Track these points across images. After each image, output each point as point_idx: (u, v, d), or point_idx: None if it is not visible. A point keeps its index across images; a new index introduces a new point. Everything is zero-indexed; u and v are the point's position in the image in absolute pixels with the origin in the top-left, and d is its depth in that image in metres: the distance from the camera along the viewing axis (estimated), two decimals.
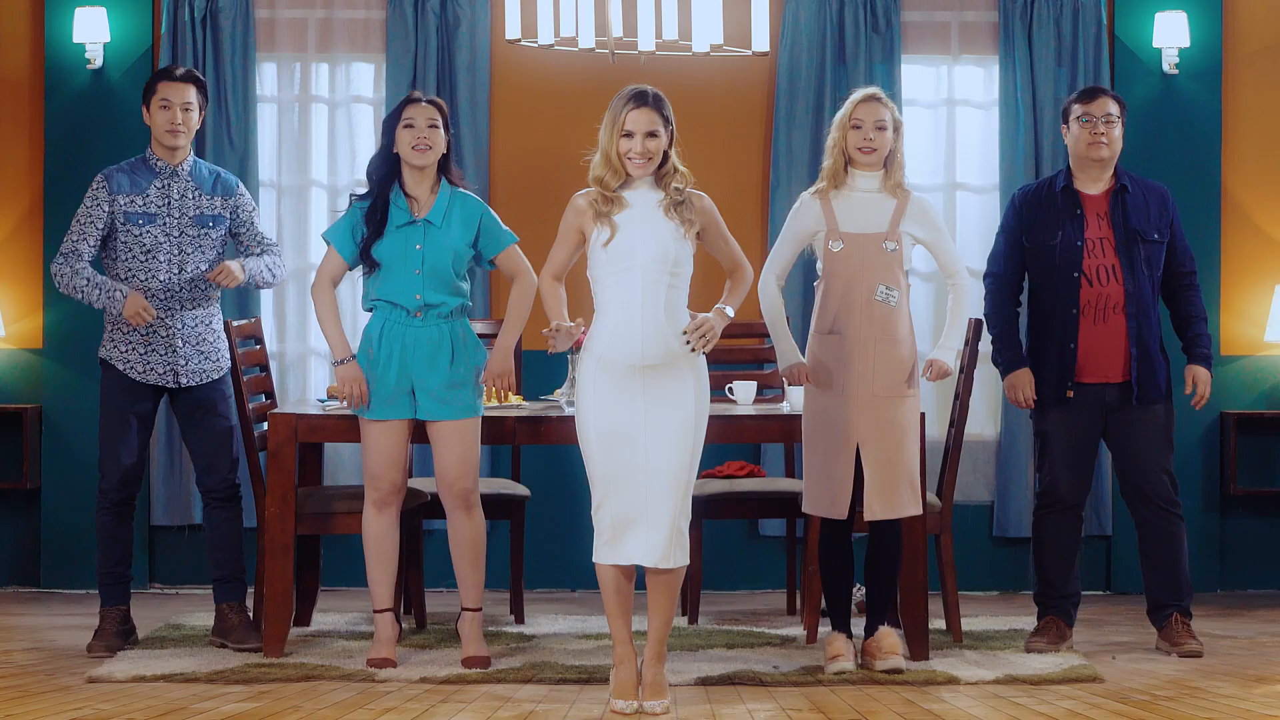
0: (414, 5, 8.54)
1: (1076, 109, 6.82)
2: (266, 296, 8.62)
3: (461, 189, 6.52)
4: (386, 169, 6.47)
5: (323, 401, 7.03)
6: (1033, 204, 6.87)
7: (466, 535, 6.49)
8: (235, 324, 6.97)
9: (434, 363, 6.41)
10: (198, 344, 6.81)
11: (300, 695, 5.92)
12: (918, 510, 6.33)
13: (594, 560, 5.78)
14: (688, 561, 5.79)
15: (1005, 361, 6.84)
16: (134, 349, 6.77)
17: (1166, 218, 6.86)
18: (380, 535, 6.45)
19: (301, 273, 8.63)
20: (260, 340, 7.27)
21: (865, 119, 6.31)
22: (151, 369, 6.78)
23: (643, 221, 5.82)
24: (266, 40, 8.65)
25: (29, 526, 8.62)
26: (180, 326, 6.78)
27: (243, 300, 8.46)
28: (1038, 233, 6.81)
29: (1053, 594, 6.87)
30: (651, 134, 5.81)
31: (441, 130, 6.47)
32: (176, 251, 6.76)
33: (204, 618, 7.47)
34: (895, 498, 6.27)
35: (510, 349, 6.47)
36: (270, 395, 7.30)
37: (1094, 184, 6.84)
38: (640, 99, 5.83)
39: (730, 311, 5.89)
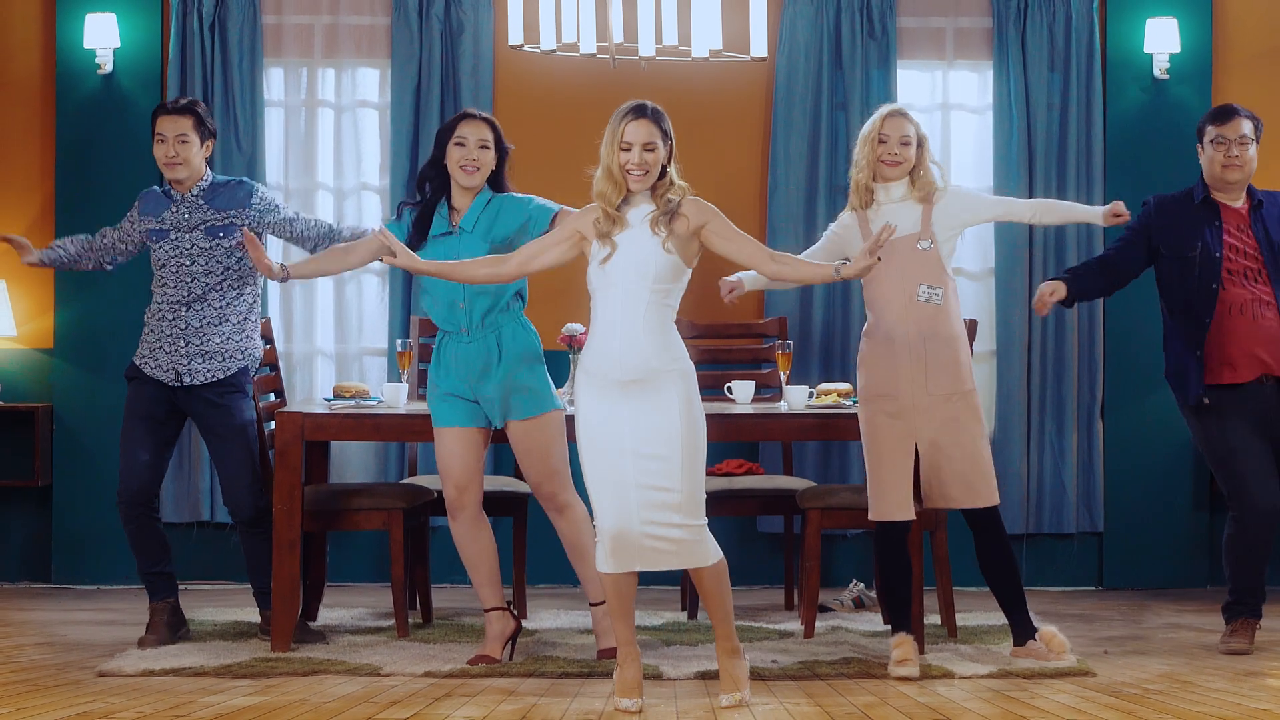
0: (418, 11, 8.53)
1: (1211, 130, 6.70)
2: (273, 296, 8.61)
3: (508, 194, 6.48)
4: (439, 180, 6.44)
5: (329, 400, 7.01)
6: (1170, 213, 6.73)
7: (567, 534, 6.44)
8: None
9: (486, 374, 6.37)
10: (202, 344, 6.78)
11: (306, 689, 5.91)
12: (996, 500, 6.28)
13: (596, 568, 5.75)
14: (710, 561, 5.69)
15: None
16: (147, 343, 6.82)
17: None
18: (464, 541, 6.42)
19: None
20: (270, 340, 7.26)
21: (891, 134, 6.30)
22: (159, 365, 6.78)
23: (631, 237, 5.72)
24: (273, 46, 8.64)
25: (40, 523, 8.61)
26: (184, 328, 6.77)
27: None
28: (1174, 241, 6.67)
29: (1246, 601, 6.68)
30: (649, 147, 5.70)
31: (492, 150, 6.43)
32: (189, 262, 6.76)
33: (212, 613, 7.47)
34: (976, 489, 6.23)
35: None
36: (280, 394, 7.29)
37: (1232, 200, 6.73)
38: (639, 112, 5.72)
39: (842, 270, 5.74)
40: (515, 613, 6.52)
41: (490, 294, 6.37)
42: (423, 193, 6.47)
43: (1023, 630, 6.41)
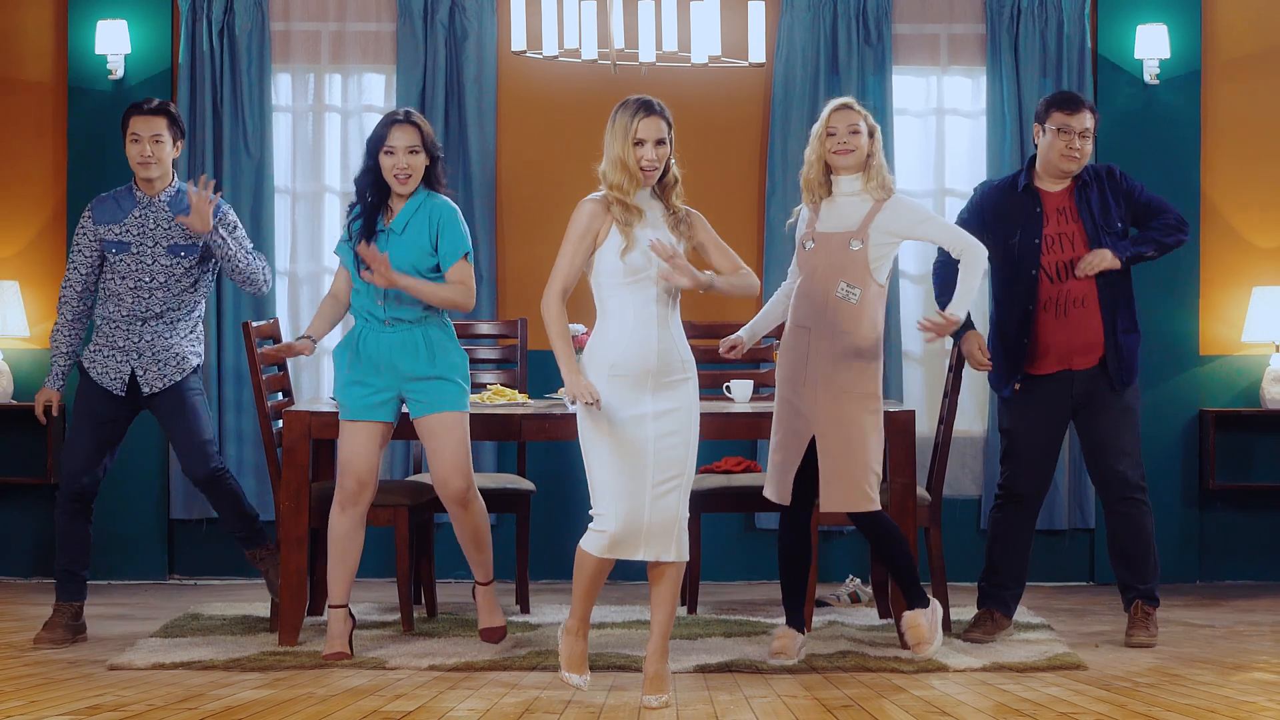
0: (423, 18, 8.54)
1: (1058, 117, 6.69)
2: (281, 298, 8.62)
3: (439, 193, 6.45)
4: (377, 184, 6.39)
5: (335, 400, 7.01)
6: (993, 201, 6.80)
7: (467, 528, 6.46)
8: (254, 325, 6.97)
9: (414, 361, 6.36)
10: (154, 355, 6.79)
11: (313, 682, 5.92)
12: (871, 507, 6.20)
13: (580, 545, 5.68)
14: (685, 557, 5.73)
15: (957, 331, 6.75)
16: (99, 352, 6.81)
17: (1120, 195, 6.75)
18: (342, 535, 6.41)
19: (315, 275, 8.63)
20: (278, 340, 7.26)
21: (839, 125, 6.28)
22: (106, 373, 6.79)
23: (655, 233, 5.73)
24: (281, 51, 8.65)
25: (52, 520, 8.59)
26: (138, 340, 6.77)
27: (259, 302, 8.46)
28: (997, 231, 6.74)
29: (997, 586, 6.84)
30: (660, 141, 5.72)
31: (422, 154, 6.36)
32: (148, 279, 6.74)
33: (221, 607, 7.47)
34: (849, 492, 6.18)
35: (409, 285, 6.24)
36: (288, 393, 7.29)
37: (1056, 184, 6.79)
38: (649, 108, 5.73)
39: (718, 282, 5.81)
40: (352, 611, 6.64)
41: (408, 298, 6.37)
42: (363, 201, 6.42)
43: (912, 600, 6.36)
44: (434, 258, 6.38)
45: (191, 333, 6.88)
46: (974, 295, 6.25)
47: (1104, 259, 6.61)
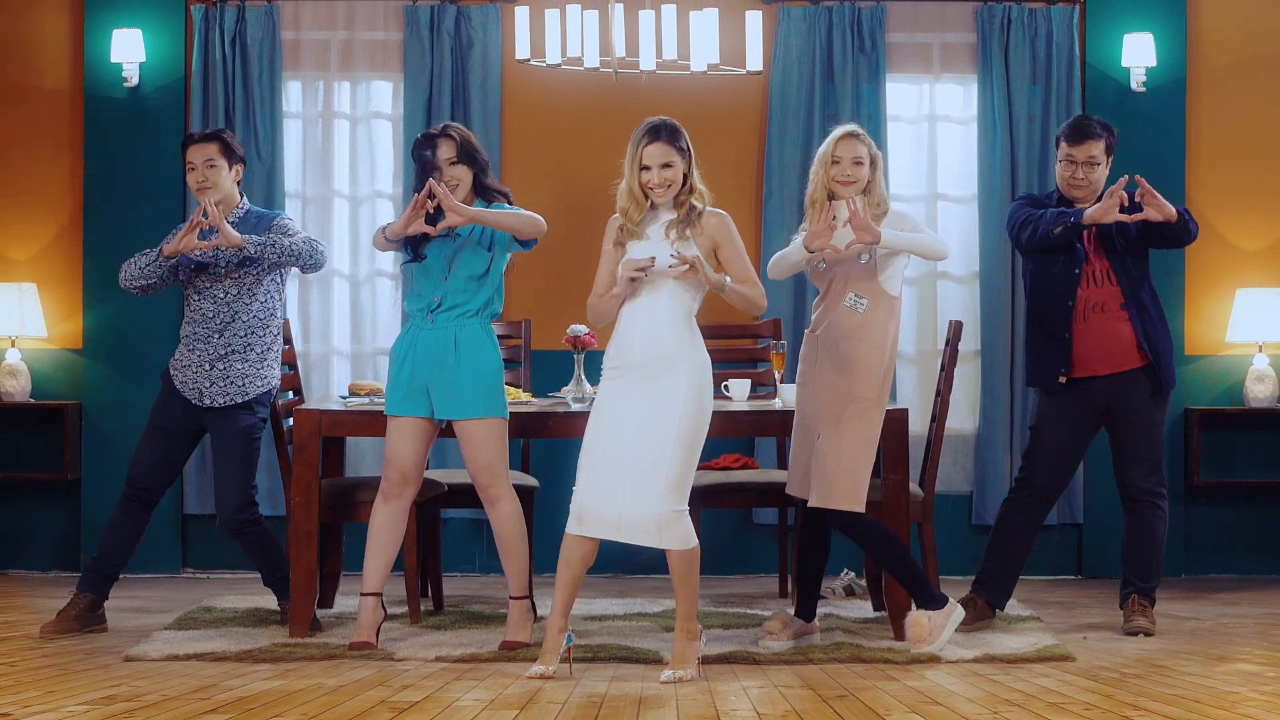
0: (430, 27, 8.54)
1: (1063, 148, 6.78)
2: (291, 298, 8.62)
3: (495, 201, 6.45)
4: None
5: (345, 398, 7.02)
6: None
7: (495, 526, 6.45)
8: None
9: (441, 364, 6.36)
10: (225, 369, 6.78)
11: (323, 673, 5.92)
12: (846, 505, 6.23)
13: (566, 530, 5.88)
14: (688, 546, 5.81)
15: (1073, 216, 6.66)
16: (180, 359, 6.81)
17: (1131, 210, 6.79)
18: (382, 524, 6.41)
19: (324, 278, 8.62)
20: (288, 340, 7.27)
21: (844, 156, 6.32)
22: (185, 383, 6.79)
23: (653, 241, 5.94)
24: (292, 60, 8.65)
25: (70, 516, 8.62)
26: (210, 351, 6.76)
27: None
28: (1038, 258, 6.78)
29: (988, 574, 6.87)
30: (667, 165, 5.93)
31: (464, 164, 6.37)
32: (222, 294, 6.75)
33: (234, 600, 7.47)
34: (829, 489, 6.23)
35: (477, 215, 6.23)
36: (298, 392, 7.30)
37: (1079, 203, 6.81)
38: (654, 134, 5.94)
39: (727, 281, 5.89)
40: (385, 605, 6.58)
41: (466, 294, 6.38)
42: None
43: (920, 602, 6.38)
44: (489, 255, 6.39)
45: (264, 357, 6.82)
46: (908, 247, 6.22)
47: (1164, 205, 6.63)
